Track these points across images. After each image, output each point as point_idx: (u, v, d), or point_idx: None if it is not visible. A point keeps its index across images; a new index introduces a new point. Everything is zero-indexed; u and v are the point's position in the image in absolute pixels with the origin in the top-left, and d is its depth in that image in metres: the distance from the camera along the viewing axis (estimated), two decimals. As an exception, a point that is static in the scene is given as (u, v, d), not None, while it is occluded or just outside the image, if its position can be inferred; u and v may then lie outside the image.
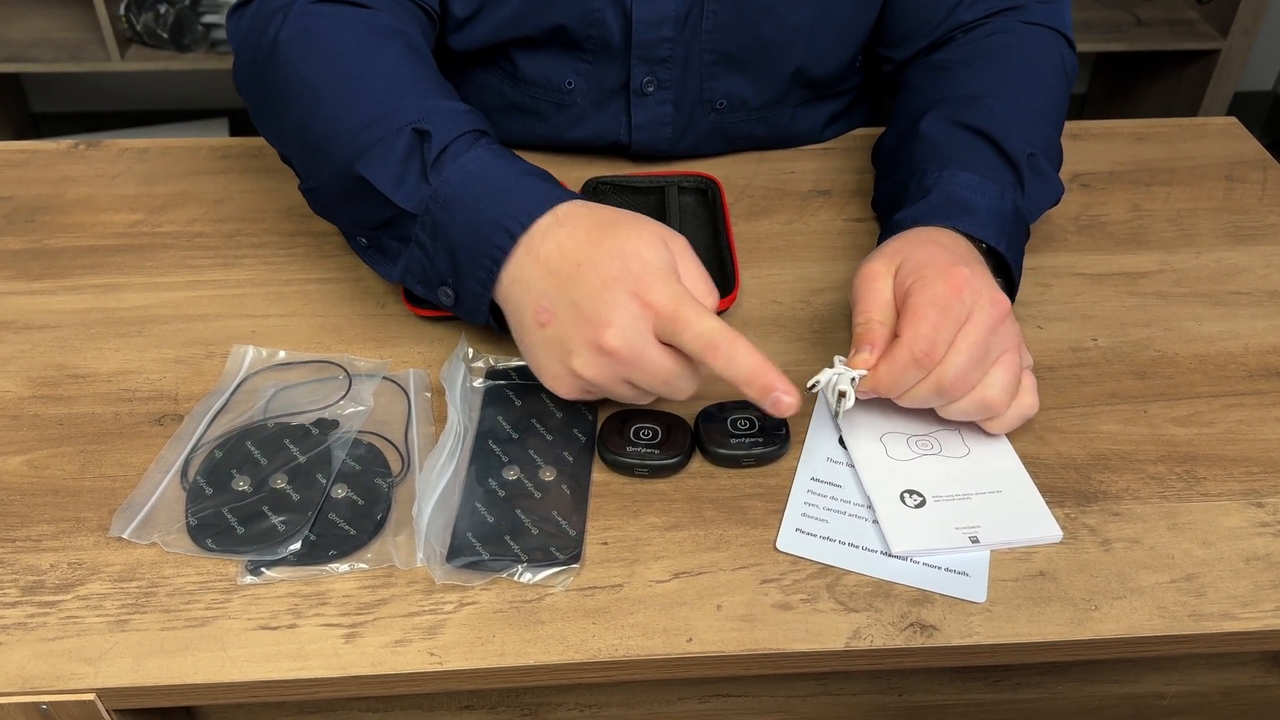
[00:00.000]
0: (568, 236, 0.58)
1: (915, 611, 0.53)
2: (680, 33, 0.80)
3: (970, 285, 0.58)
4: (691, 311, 0.54)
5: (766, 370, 0.54)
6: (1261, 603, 0.54)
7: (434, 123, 0.62)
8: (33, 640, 0.51)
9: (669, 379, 0.56)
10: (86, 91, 2.42)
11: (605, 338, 0.54)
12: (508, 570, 0.54)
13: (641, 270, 0.55)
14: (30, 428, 0.62)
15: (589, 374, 0.56)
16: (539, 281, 0.57)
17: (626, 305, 0.54)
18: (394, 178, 0.61)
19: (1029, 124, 0.72)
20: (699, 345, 0.54)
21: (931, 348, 0.56)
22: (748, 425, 0.61)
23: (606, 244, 0.57)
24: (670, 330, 0.54)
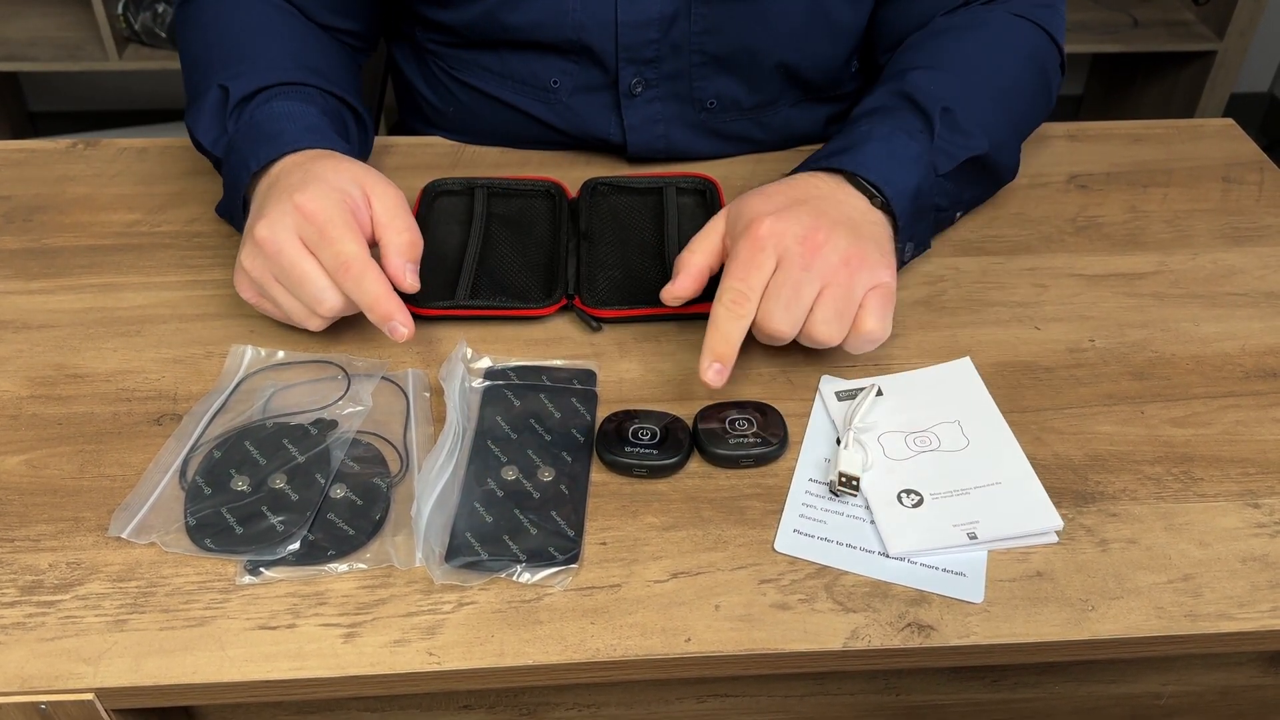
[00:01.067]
0: (293, 164, 0.66)
1: (913, 612, 0.53)
2: (666, 33, 0.80)
3: (774, 233, 0.62)
4: (340, 229, 0.61)
5: (389, 300, 0.61)
6: (1258, 603, 0.54)
7: (240, 79, 0.71)
8: (31, 640, 0.51)
9: (302, 281, 0.61)
10: (84, 91, 2.42)
11: (257, 228, 0.62)
12: (506, 570, 0.54)
13: (313, 181, 0.63)
14: (29, 427, 0.62)
15: (247, 263, 0.63)
16: (260, 192, 0.66)
17: (282, 204, 0.62)
18: (205, 130, 0.72)
19: (952, 86, 0.73)
20: (334, 263, 0.60)
21: (739, 297, 0.61)
22: (746, 425, 0.61)
23: (305, 165, 0.65)
24: (312, 238, 0.61)
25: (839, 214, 0.65)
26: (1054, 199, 0.83)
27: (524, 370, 0.65)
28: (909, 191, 0.68)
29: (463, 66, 0.86)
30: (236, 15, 0.77)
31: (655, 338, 0.69)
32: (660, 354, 0.68)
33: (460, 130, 0.89)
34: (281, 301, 0.63)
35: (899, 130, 0.70)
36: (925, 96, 0.71)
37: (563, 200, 0.79)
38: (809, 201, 0.65)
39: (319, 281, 0.61)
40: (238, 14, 0.77)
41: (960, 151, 0.72)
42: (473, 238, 0.75)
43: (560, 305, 0.70)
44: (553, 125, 0.85)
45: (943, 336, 0.69)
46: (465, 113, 0.88)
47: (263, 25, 0.77)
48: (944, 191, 0.72)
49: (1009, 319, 0.71)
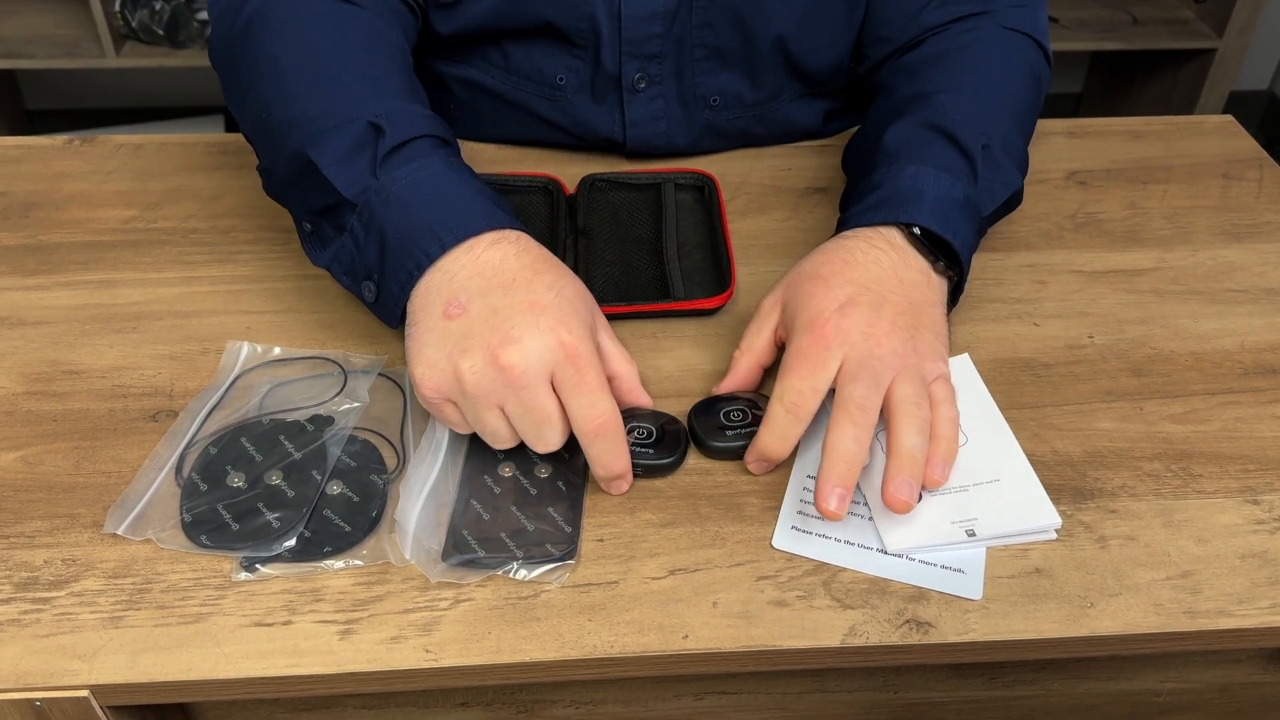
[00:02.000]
0: (514, 255, 0.58)
1: (911, 608, 0.53)
2: (670, 28, 0.80)
3: (838, 332, 0.58)
4: (596, 378, 0.54)
5: (627, 463, 0.56)
6: (1257, 600, 0.54)
7: (392, 120, 0.62)
8: (26, 637, 0.51)
9: (542, 421, 0.54)
10: (81, 88, 2.42)
11: (508, 351, 0.53)
12: (503, 567, 0.54)
13: (570, 313, 0.56)
14: (24, 424, 0.62)
15: (470, 379, 0.54)
16: (466, 279, 0.57)
17: (543, 333, 0.54)
18: (339, 164, 0.61)
19: (984, 116, 0.71)
20: (587, 414, 0.54)
21: (801, 397, 0.57)
22: (741, 417, 0.61)
23: (548, 277, 0.57)
24: (570, 383, 0.54)
25: (901, 297, 0.61)
26: (1053, 195, 0.83)
27: None
28: (970, 245, 0.66)
29: (464, 64, 0.86)
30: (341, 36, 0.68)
31: (652, 334, 0.69)
32: (657, 350, 0.68)
33: (457, 129, 0.89)
34: (490, 423, 0.55)
35: (945, 171, 0.67)
36: (963, 134, 0.69)
37: (560, 196, 0.79)
38: (872, 288, 0.61)
39: (558, 427, 0.55)
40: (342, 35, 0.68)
41: (1001, 191, 0.70)
42: (470, 234, 0.75)
43: None
44: (554, 122, 0.85)
45: (941, 333, 0.69)
46: (464, 110, 0.88)
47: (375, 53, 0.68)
48: (980, 231, 0.69)
49: (1008, 315, 0.71)
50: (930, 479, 0.56)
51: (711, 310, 0.70)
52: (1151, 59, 2.34)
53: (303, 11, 0.68)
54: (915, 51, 0.80)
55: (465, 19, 0.81)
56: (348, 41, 0.67)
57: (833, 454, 0.55)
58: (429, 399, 0.56)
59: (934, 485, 0.57)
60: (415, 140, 0.62)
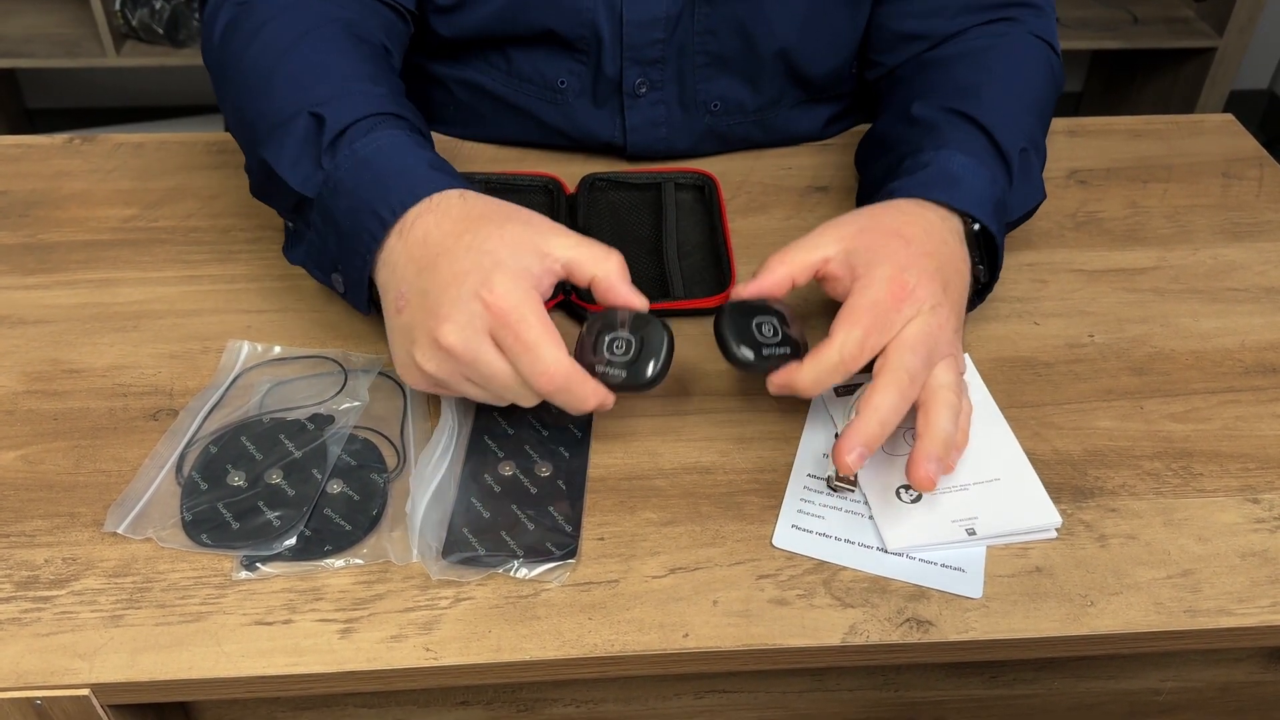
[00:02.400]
0: (434, 225, 0.57)
1: (911, 607, 0.53)
2: (671, 34, 0.80)
3: (914, 296, 0.57)
4: (531, 332, 0.53)
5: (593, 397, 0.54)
6: (1257, 598, 0.54)
7: (333, 107, 0.62)
8: (27, 635, 0.51)
9: (504, 386, 0.54)
10: (82, 87, 2.42)
11: (442, 333, 0.53)
12: (504, 566, 0.54)
13: (493, 267, 0.54)
14: (25, 423, 0.62)
15: (430, 367, 0.55)
16: (403, 267, 0.57)
17: (468, 303, 0.53)
18: (291, 162, 0.61)
19: (1019, 119, 0.71)
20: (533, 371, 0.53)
21: (859, 351, 0.56)
22: (772, 333, 0.58)
23: (467, 238, 0.56)
24: (506, 344, 0.53)
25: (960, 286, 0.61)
26: (1054, 194, 0.83)
27: None
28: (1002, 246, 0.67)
29: (466, 66, 0.86)
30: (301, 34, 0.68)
31: (653, 333, 0.69)
32: (658, 349, 0.68)
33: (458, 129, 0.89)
34: (470, 392, 0.56)
35: (984, 166, 0.67)
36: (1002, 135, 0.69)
37: (560, 195, 0.79)
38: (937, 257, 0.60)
39: (519, 386, 0.54)
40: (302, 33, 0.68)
41: (1030, 201, 0.71)
42: (470, 233, 0.75)
43: (558, 301, 0.70)
44: (554, 126, 0.85)
45: (942, 332, 0.69)
46: (465, 112, 0.88)
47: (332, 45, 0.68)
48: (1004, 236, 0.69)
49: (1008, 314, 0.71)
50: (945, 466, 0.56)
51: (712, 310, 0.70)
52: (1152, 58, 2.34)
53: (269, 16, 0.69)
54: (938, 49, 0.80)
55: (466, 24, 0.81)
56: (305, 38, 0.68)
57: (872, 414, 0.54)
58: (421, 390, 0.58)
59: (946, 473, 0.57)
60: (357, 122, 0.62)
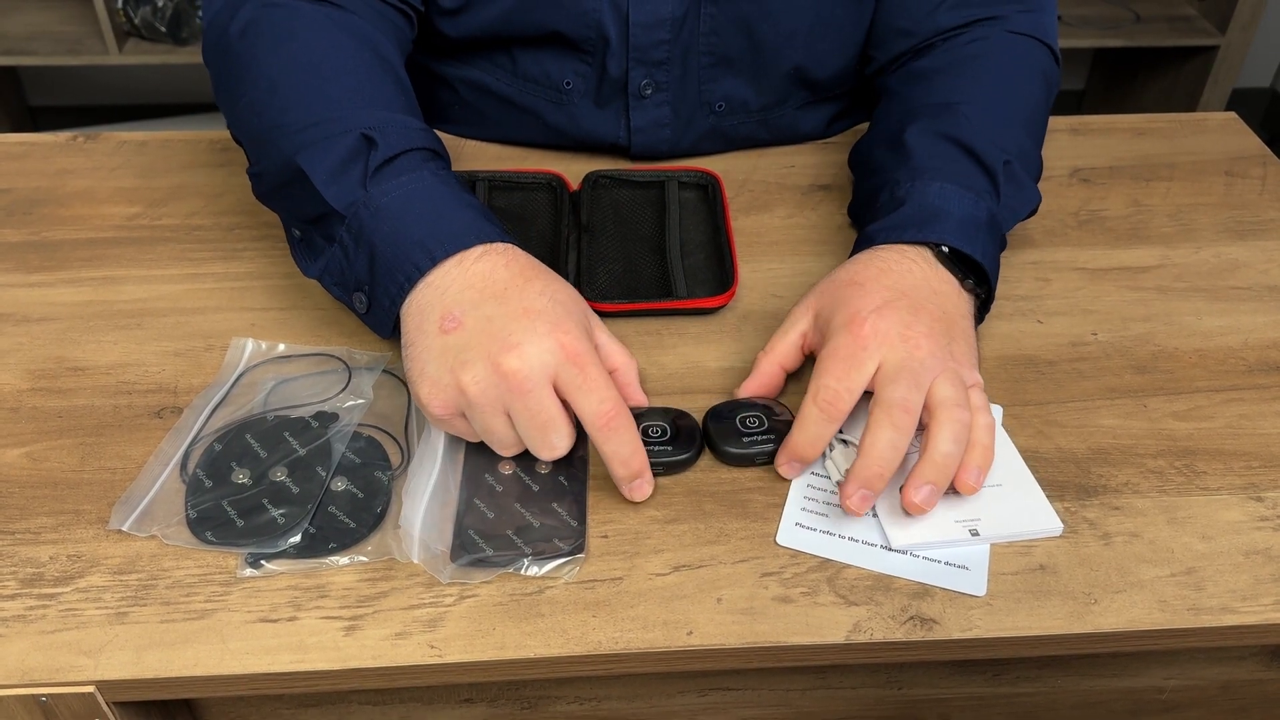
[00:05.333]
0: (503, 266, 0.58)
1: (915, 605, 0.53)
2: (677, 35, 0.80)
3: (876, 333, 0.58)
4: (599, 375, 0.55)
5: (642, 457, 0.56)
6: (1261, 596, 0.54)
7: (385, 133, 0.62)
8: (32, 633, 0.51)
9: (547, 425, 0.54)
10: (84, 85, 2.42)
11: (508, 358, 0.53)
12: (513, 565, 0.54)
13: (565, 315, 0.56)
14: (29, 420, 0.62)
15: (474, 390, 0.54)
16: (458, 292, 0.57)
17: (541, 337, 0.54)
18: (330, 175, 0.61)
19: (1004, 131, 0.71)
20: (597, 410, 0.54)
21: (835, 397, 0.57)
22: (758, 423, 0.60)
23: (538, 284, 0.57)
24: (574, 383, 0.54)
25: (935, 307, 0.61)
26: (1057, 192, 0.83)
27: None
28: (996, 255, 0.66)
29: (471, 66, 0.86)
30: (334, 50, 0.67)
31: (656, 331, 0.69)
32: (661, 348, 0.68)
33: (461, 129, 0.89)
34: (497, 431, 0.56)
35: (968, 190, 0.67)
36: (985, 150, 0.68)
37: (564, 193, 0.79)
38: (908, 294, 0.61)
39: (564, 430, 0.55)
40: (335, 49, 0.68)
41: (1023, 208, 0.70)
42: (474, 231, 0.75)
43: None
44: (559, 127, 0.85)
45: (945, 330, 0.69)
46: (469, 111, 0.88)
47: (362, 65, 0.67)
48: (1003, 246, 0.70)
49: (1011, 312, 0.71)
50: (964, 484, 0.56)
51: (714, 309, 0.70)
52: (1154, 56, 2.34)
53: (297, 22, 0.68)
54: (926, 58, 0.79)
55: (471, 25, 0.81)
56: (341, 52, 0.67)
57: (868, 454, 0.55)
58: (438, 417, 0.56)
59: (969, 491, 0.57)
60: (407, 153, 0.62)
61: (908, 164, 0.69)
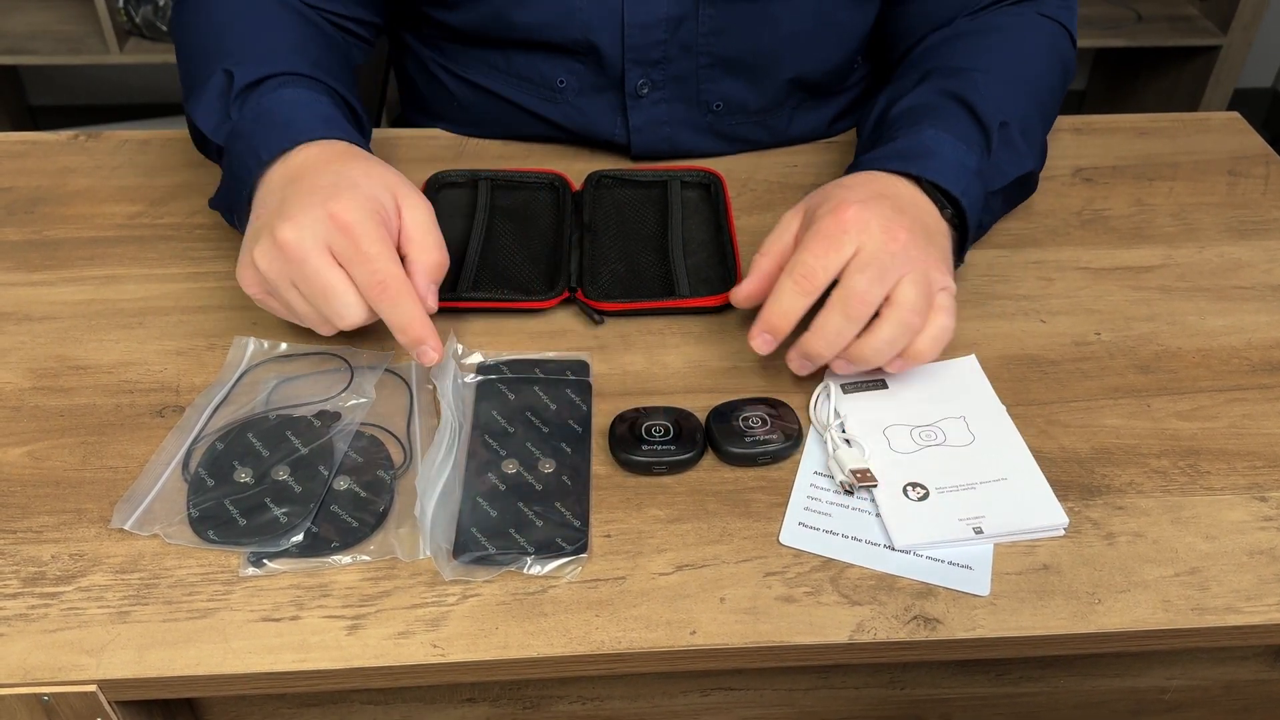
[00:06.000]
0: (315, 154, 0.63)
1: (919, 604, 0.53)
2: (674, 35, 0.80)
3: (859, 219, 0.60)
4: (374, 245, 0.57)
5: (424, 324, 0.58)
6: (1265, 596, 0.54)
7: (242, 65, 0.68)
8: (34, 631, 0.51)
9: (327, 292, 0.57)
10: (85, 84, 2.42)
11: (282, 229, 0.57)
12: (516, 563, 0.54)
13: (348, 189, 0.59)
14: (31, 419, 0.62)
15: (262, 263, 0.58)
16: (275, 183, 0.62)
17: (313, 209, 0.57)
18: (206, 113, 0.69)
19: (1008, 96, 0.72)
20: (369, 280, 0.57)
21: (811, 272, 0.59)
22: (760, 423, 0.60)
23: (336, 164, 0.61)
24: (346, 252, 0.57)
25: (918, 216, 0.63)
26: (1060, 192, 0.83)
27: (516, 363, 0.65)
28: (978, 205, 0.68)
29: (467, 64, 0.86)
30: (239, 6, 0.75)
31: (658, 331, 0.69)
32: (664, 347, 0.68)
33: (463, 126, 0.89)
34: (295, 305, 0.60)
35: (961, 140, 0.68)
36: (984, 107, 0.70)
37: (566, 193, 0.79)
38: (891, 198, 0.63)
39: (346, 297, 0.58)
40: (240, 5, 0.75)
41: (1012, 169, 0.71)
42: (475, 230, 0.75)
43: (563, 298, 0.70)
44: (558, 124, 0.85)
45: (948, 329, 0.69)
46: (469, 110, 0.88)
47: (267, 18, 0.75)
48: (989, 208, 0.71)
49: (1015, 312, 0.71)
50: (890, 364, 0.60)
51: (717, 308, 0.70)
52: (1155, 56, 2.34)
53: None
54: (949, 28, 0.80)
55: (464, 21, 0.81)
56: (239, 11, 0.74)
57: (814, 332, 0.59)
58: (252, 296, 0.61)
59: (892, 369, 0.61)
60: (266, 79, 0.68)
61: (910, 114, 0.71)
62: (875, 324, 0.59)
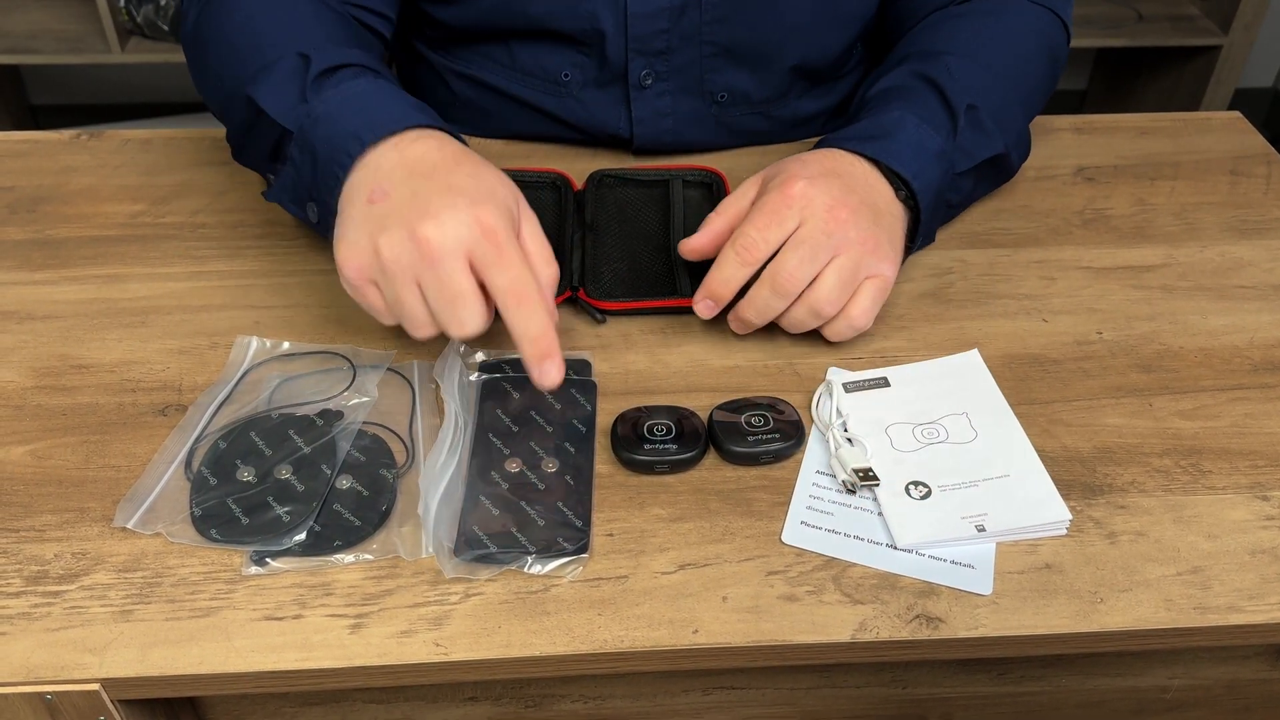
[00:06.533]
0: (436, 149, 0.60)
1: (921, 603, 0.53)
2: (677, 24, 0.80)
3: (804, 196, 0.62)
4: (516, 254, 0.56)
5: (553, 338, 0.56)
6: (1267, 595, 0.54)
7: (319, 50, 0.65)
8: (37, 630, 0.51)
9: (457, 298, 0.55)
10: (86, 83, 2.42)
11: (425, 225, 0.55)
12: (517, 562, 0.54)
13: (488, 196, 0.57)
14: (33, 418, 0.62)
15: (388, 253, 0.55)
16: (390, 169, 0.59)
17: (461, 211, 0.55)
18: (275, 97, 0.64)
19: (980, 79, 0.73)
20: (510, 287, 0.55)
21: (752, 244, 0.62)
22: (762, 422, 0.61)
23: (468, 166, 0.60)
24: (488, 258, 0.55)
25: (867, 196, 0.65)
26: (1061, 191, 0.83)
27: (520, 363, 0.65)
28: (934, 187, 0.69)
29: (469, 60, 0.86)
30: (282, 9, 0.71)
31: (660, 330, 0.69)
32: (666, 346, 0.68)
33: (464, 125, 0.89)
34: (407, 302, 0.56)
35: (925, 122, 0.70)
36: (953, 90, 0.71)
37: (568, 192, 0.79)
38: (843, 177, 0.65)
39: (475, 306, 0.55)
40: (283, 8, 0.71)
41: (981, 151, 0.72)
42: (478, 229, 0.75)
43: (565, 297, 0.70)
44: (561, 119, 0.85)
45: (950, 329, 0.69)
46: (470, 108, 0.88)
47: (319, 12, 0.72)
48: (958, 188, 0.73)
49: (1016, 311, 0.71)
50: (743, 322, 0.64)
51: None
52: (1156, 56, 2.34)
53: None
54: (940, 12, 0.81)
55: (466, 16, 0.81)
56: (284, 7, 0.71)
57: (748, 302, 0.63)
58: (351, 280, 0.58)
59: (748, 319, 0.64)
60: (343, 67, 0.65)
61: (881, 95, 0.73)
62: (792, 305, 0.63)
